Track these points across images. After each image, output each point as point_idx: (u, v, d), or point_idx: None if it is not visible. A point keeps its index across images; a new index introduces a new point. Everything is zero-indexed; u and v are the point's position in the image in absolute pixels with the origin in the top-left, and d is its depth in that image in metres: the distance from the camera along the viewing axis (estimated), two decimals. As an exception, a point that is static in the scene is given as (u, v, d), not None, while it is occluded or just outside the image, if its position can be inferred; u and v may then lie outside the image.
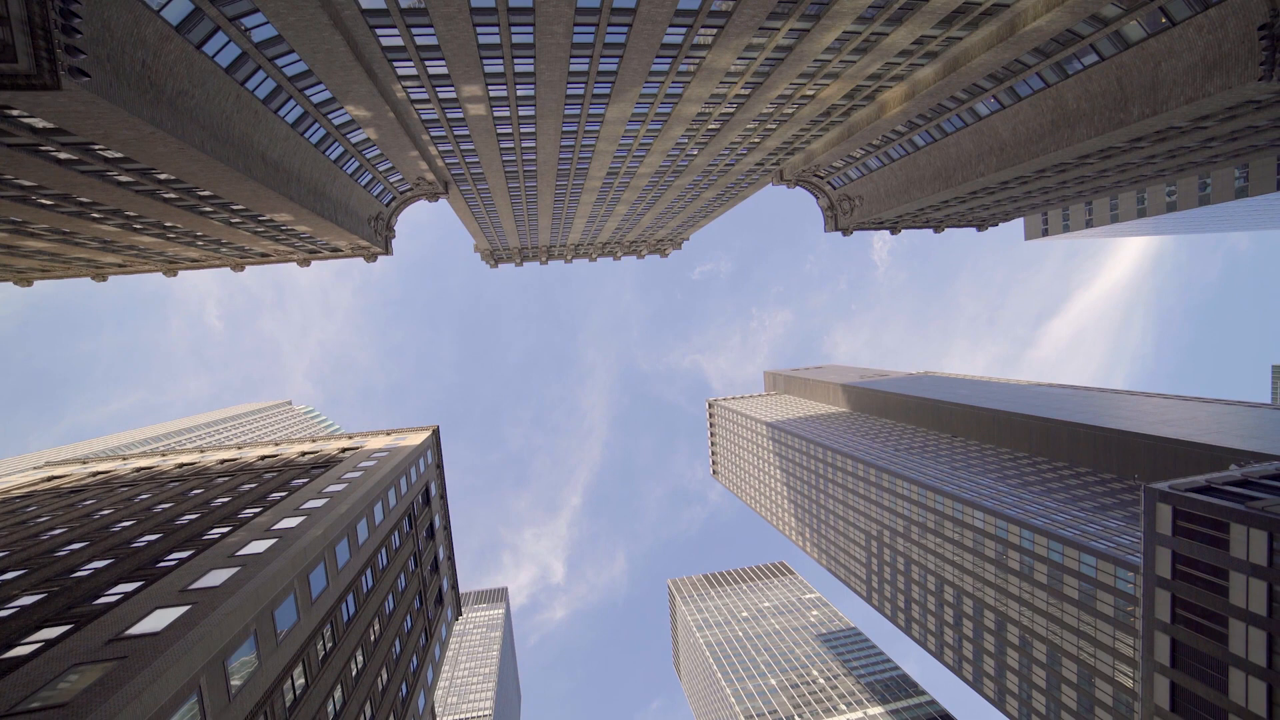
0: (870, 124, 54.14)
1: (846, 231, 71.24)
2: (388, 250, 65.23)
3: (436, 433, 66.39)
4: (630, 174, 67.43)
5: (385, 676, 43.02)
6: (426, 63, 38.47)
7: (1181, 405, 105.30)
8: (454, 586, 67.14)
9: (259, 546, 32.00)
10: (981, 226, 77.02)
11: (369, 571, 42.38)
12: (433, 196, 65.30)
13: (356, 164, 51.06)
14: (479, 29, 35.11)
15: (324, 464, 55.16)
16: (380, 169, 55.04)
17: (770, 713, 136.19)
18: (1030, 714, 76.25)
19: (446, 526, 66.96)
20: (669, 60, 41.06)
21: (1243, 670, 41.69)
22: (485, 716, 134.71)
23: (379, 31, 34.08)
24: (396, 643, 46.63)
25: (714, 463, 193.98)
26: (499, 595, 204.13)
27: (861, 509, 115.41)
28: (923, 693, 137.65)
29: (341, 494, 42.58)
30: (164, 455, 68.80)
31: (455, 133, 51.42)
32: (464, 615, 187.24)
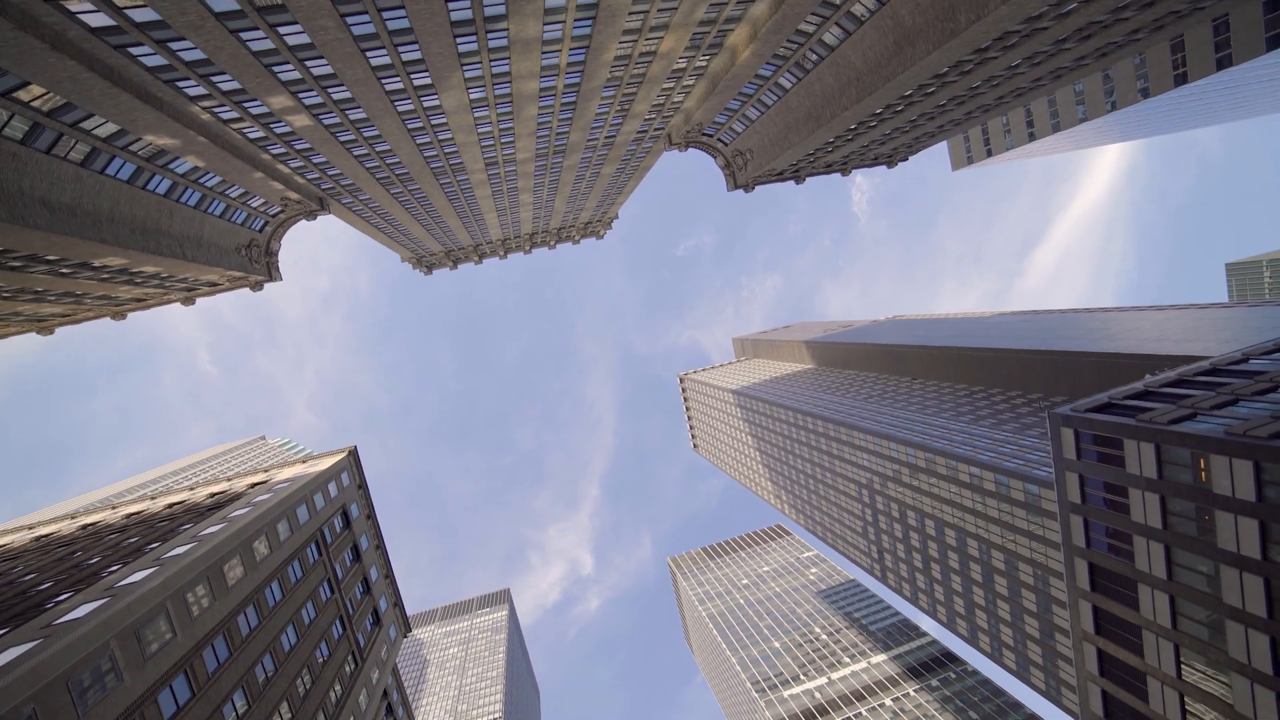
0: (729, 73, 51.84)
1: (748, 188, 69.02)
2: (272, 276, 63.45)
3: (353, 454, 65.20)
4: (511, 162, 65.27)
5: (289, 713, 42.26)
6: (213, 79, 36.42)
7: (1142, 316, 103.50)
8: (396, 604, 66.43)
9: (83, 610, 30.85)
10: (890, 163, 74.58)
11: (250, 610, 41.34)
12: (310, 215, 63.34)
13: (199, 195, 49.13)
14: (243, 37, 32.99)
15: (226, 503, 54.06)
16: (233, 195, 53.09)
17: (776, 676, 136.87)
18: (1001, 649, 75.81)
19: (379, 545, 66.03)
20: (472, 38, 38.87)
21: (1149, 585, 40.62)
22: (495, 718, 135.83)
23: (133, 50, 32.01)
24: (305, 675, 45.80)
25: (693, 437, 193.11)
26: (501, 597, 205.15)
27: (825, 464, 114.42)
28: (923, 634, 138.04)
29: (211, 536, 41.42)
30: (114, 508, 67.93)
31: (296, 147, 49.40)
32: (470, 621, 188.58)
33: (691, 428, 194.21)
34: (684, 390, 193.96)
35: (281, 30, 33.22)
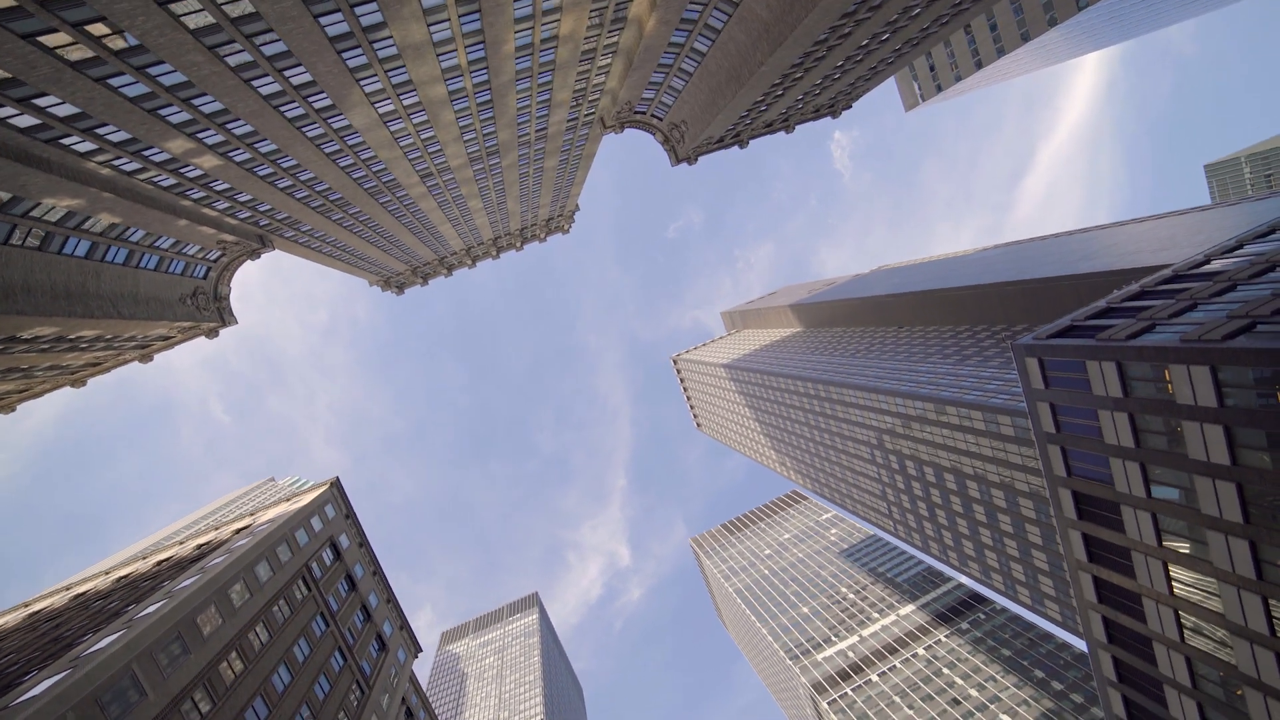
0: (641, 45, 50.48)
1: (691, 160, 67.60)
2: (225, 321, 63.00)
3: (335, 485, 65.05)
4: (447, 170, 64.23)
5: (289, 750, 42.32)
6: (97, 132, 35.64)
7: (1120, 231, 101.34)
8: (401, 627, 66.54)
9: (42, 686, 30.70)
10: (834, 112, 72.74)
11: (233, 656, 41.26)
12: (254, 254, 62.69)
13: (125, 251, 48.53)
14: (113, 84, 32.11)
15: (209, 553, 54.04)
16: (164, 247, 52.48)
17: (808, 640, 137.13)
18: (1015, 586, 75.13)
19: (375, 572, 66.04)
20: (358, 51, 37.79)
21: (1130, 506, 39.67)
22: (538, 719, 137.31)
23: None
24: (305, 711, 45.86)
25: (695, 417, 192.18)
26: (530, 602, 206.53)
27: (822, 425, 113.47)
28: (948, 580, 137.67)
29: (184, 590, 41.28)
30: (106, 573, 68.39)
31: (215, 189, 48.67)
32: (502, 630, 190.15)
33: (692, 407, 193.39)
34: (679, 371, 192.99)
35: (152, 72, 32.31)
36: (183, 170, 43.40)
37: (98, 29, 27.72)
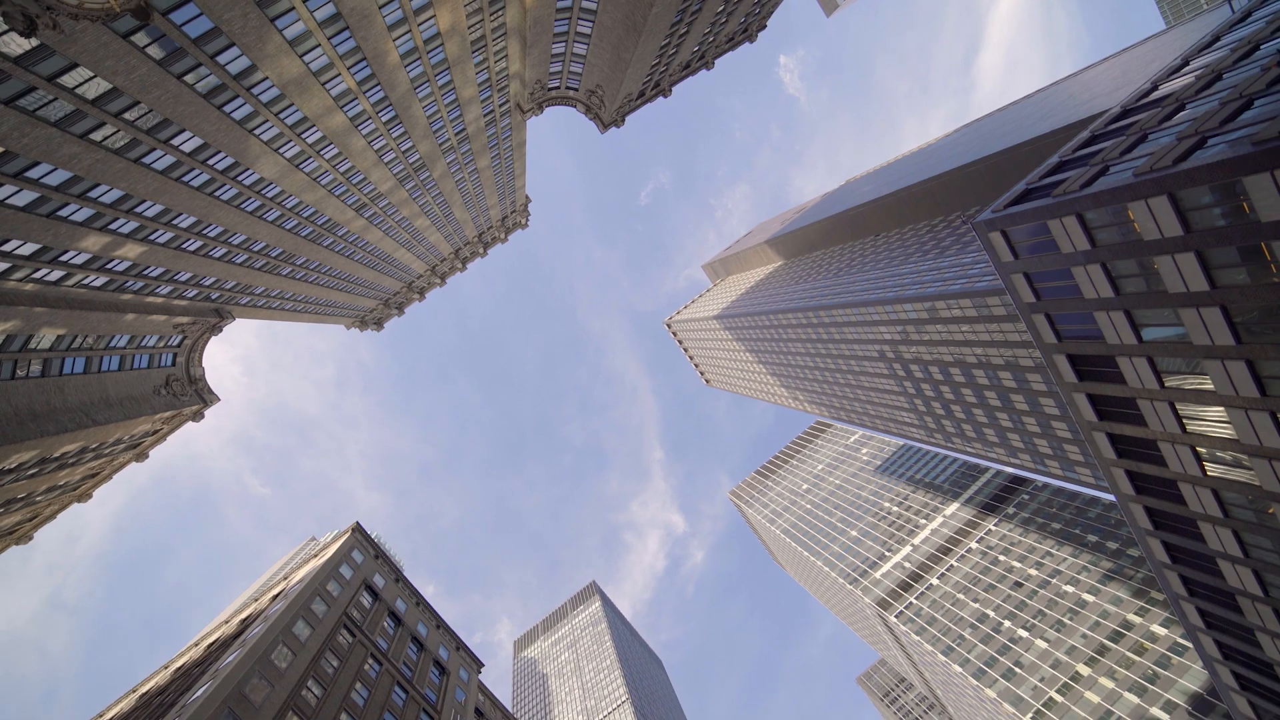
0: (529, 19, 48.76)
1: (618, 123, 65.83)
2: (206, 401, 62.96)
3: (357, 529, 65.59)
4: (380, 197, 63.11)
5: (370, 791, 43.27)
6: (3, 249, 35.03)
7: (1074, 82, 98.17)
8: (458, 648, 67.61)
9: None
10: (750, 37, 70.23)
11: (291, 717, 41.99)
12: (215, 329, 62.34)
13: (81, 360, 48.30)
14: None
15: (250, 625, 54.80)
16: (120, 345, 52.19)
17: (863, 562, 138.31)
18: (1043, 460, 74.73)
19: (419, 603, 66.89)
20: (239, 102, 36.67)
21: (1126, 355, 38.86)
22: (624, 701, 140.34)
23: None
24: (377, 751, 46.80)
25: (702, 374, 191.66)
26: (590, 591, 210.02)
27: (822, 351, 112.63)
28: (985, 470, 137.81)
29: (227, 666, 41.91)
30: (165, 668, 70.01)
31: (150, 275, 48.09)
32: (569, 624, 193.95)
33: (697, 366, 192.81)
34: (675, 334, 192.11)
35: (32, 175, 31.51)
36: (108, 266, 42.83)
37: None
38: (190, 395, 61.05)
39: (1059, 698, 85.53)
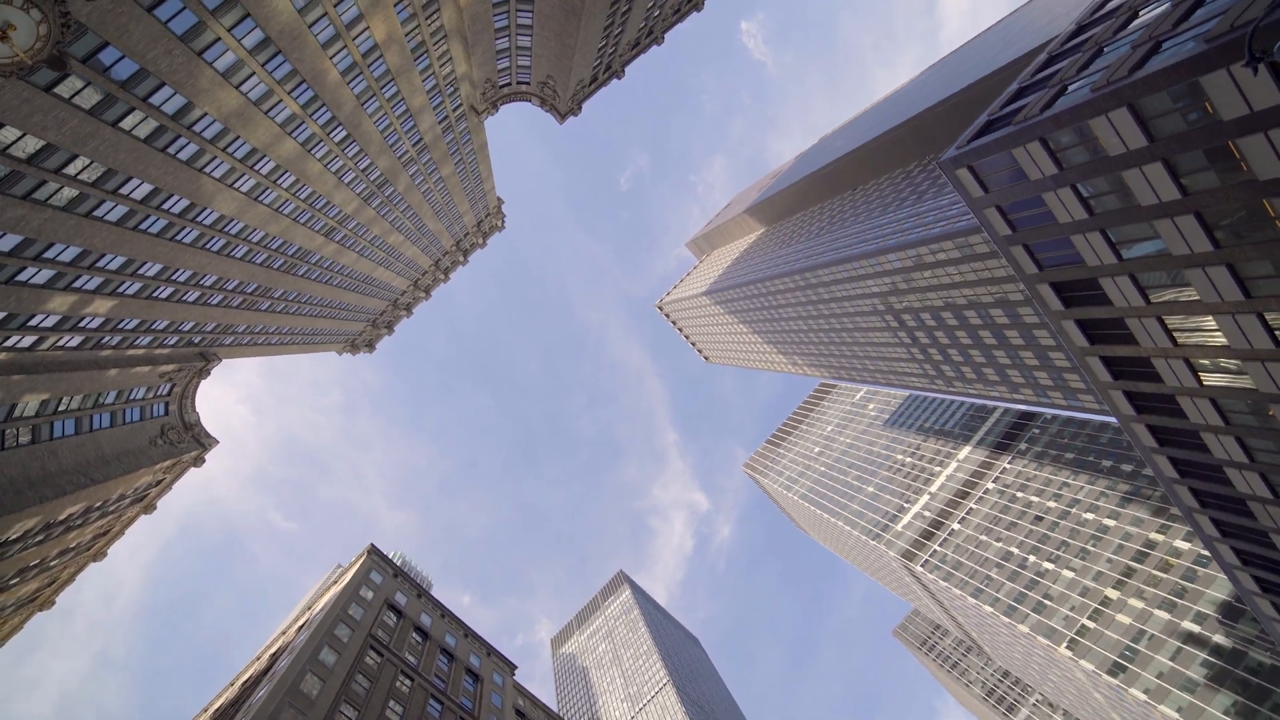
0: (467, 17, 47.96)
1: (575, 111, 64.99)
2: (205, 446, 63.01)
3: (372, 551, 65.88)
4: (348, 219, 62.63)
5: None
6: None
7: (1032, 6, 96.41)
8: (489, 654, 68.13)
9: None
10: (698, 5, 69.04)
11: (327, 745, 42.38)
12: (203, 373, 62.24)
13: (70, 421, 48.28)
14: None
15: (279, 657, 55.21)
16: (108, 402, 52.16)
17: (883, 516, 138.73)
18: (1045, 392, 74.44)
19: (444, 615, 67.32)
20: (184, 143, 36.15)
21: (1108, 275, 38.44)
22: (665, 684, 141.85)
23: None
24: (419, 765, 47.26)
25: (701, 352, 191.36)
26: (618, 581, 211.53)
27: (813, 312, 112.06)
28: (993, 410, 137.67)
29: (259, 700, 42.25)
30: (205, 710, 70.79)
31: (125, 328, 47.89)
32: (602, 616, 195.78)
33: (693, 344, 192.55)
34: (668, 316, 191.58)
35: (-15, 245, 31.23)
36: (80, 324, 42.60)
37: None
38: (188, 441, 61.11)
39: (1091, 624, 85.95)
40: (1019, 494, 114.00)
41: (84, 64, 26.81)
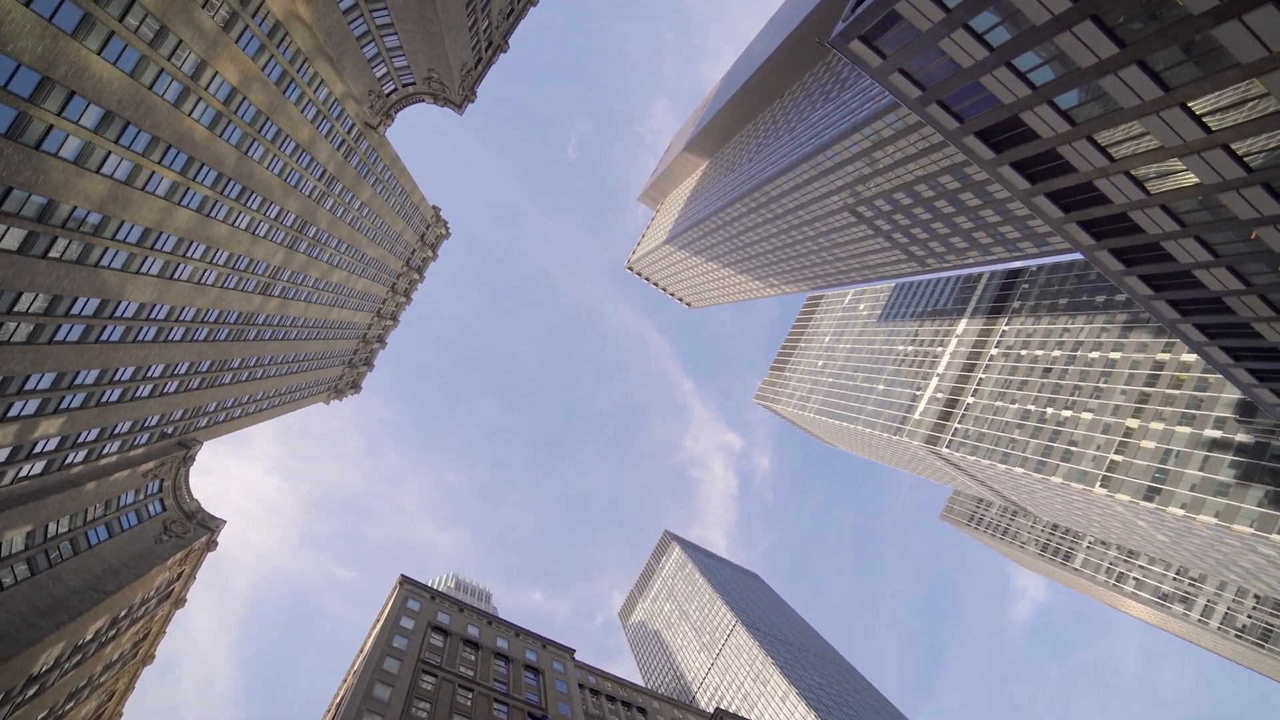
0: (321, 32, 45.83)
1: (471, 98, 62.69)
2: (213, 529, 63.23)
3: (404, 580, 66.60)
4: (281, 269, 61.32)
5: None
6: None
7: None
8: (544, 646, 69.34)
9: None
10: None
11: (401, 774, 43.22)
12: (187, 460, 61.97)
13: (66, 544, 48.25)
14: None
15: (341, 699, 56.23)
16: (99, 516, 52.06)
17: (899, 409, 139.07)
18: (1015, 246, 73.13)
19: (491, 621, 68.36)
20: (66, 242, 34.96)
21: (1026, 107, 37.06)
22: (734, 625, 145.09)
23: None
24: (497, 768, 48.30)
25: (682, 301, 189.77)
26: (666, 541, 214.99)
27: (777, 228, 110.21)
28: (980, 277, 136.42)
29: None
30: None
31: (84, 440, 47.40)
32: (660, 578, 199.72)
33: (673, 295, 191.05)
34: (640, 274, 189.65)
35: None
36: (35, 450, 42.15)
37: None
38: (193, 530, 61.33)
39: (1119, 458, 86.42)
40: (1023, 352, 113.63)
41: (-89, 191, 25.59)
